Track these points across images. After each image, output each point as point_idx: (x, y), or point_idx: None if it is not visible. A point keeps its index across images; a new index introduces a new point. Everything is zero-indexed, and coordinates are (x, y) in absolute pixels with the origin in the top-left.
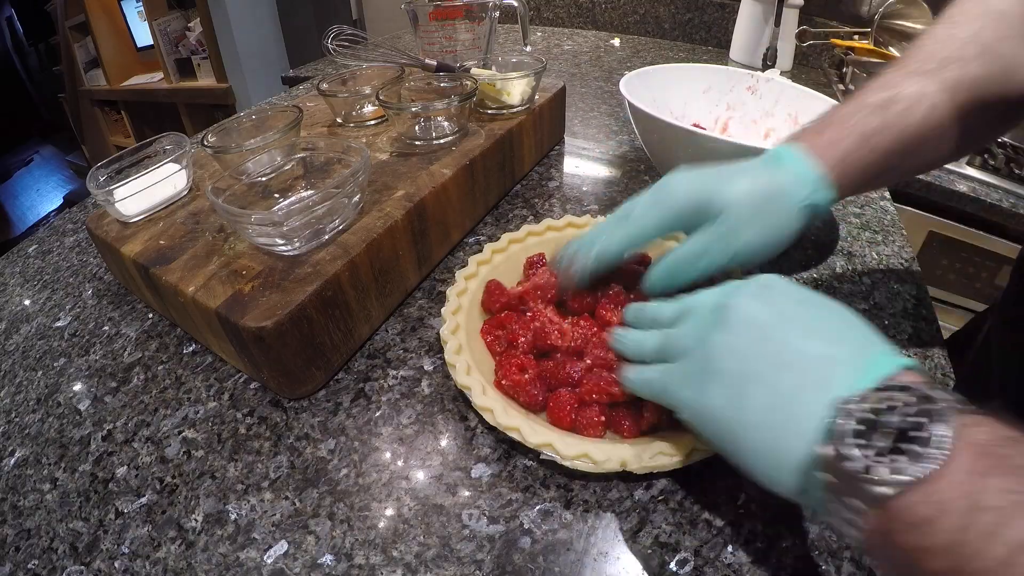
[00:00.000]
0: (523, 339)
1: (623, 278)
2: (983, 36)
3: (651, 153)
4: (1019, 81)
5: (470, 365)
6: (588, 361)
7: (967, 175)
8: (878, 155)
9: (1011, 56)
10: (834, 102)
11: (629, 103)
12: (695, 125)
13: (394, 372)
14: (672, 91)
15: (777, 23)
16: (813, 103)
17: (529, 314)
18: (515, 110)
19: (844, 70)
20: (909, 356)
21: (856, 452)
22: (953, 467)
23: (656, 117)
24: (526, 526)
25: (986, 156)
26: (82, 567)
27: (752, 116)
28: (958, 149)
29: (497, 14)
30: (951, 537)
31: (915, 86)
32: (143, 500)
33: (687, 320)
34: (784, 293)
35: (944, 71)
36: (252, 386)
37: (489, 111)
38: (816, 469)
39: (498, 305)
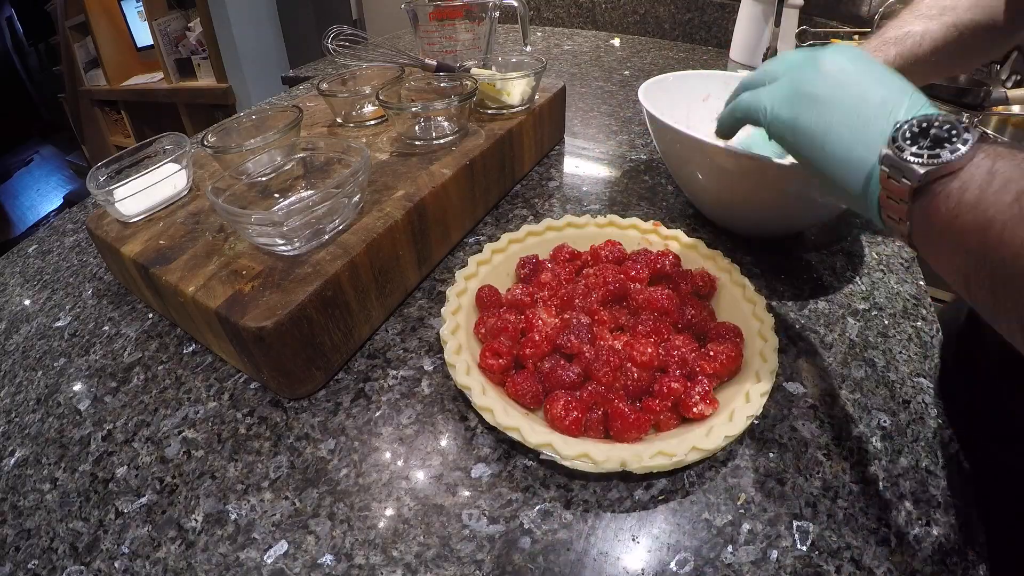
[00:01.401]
0: (503, 338)
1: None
2: None
3: (667, 161)
4: (1000, 24)
5: (470, 365)
6: (579, 368)
7: None
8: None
9: (995, 6)
10: None
11: (649, 114)
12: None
13: (394, 372)
14: (678, 100)
15: (777, 23)
16: None
17: (523, 316)
18: (515, 110)
19: None
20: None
21: (908, 146)
22: (976, 156)
23: (682, 132)
24: (526, 526)
25: None
26: (82, 567)
27: None
28: (956, 68)
29: (497, 14)
30: (975, 195)
31: (921, 26)
32: (143, 500)
33: (780, 62)
34: (855, 53)
35: (944, 16)
36: (252, 386)
37: (489, 111)
38: (879, 164)
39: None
